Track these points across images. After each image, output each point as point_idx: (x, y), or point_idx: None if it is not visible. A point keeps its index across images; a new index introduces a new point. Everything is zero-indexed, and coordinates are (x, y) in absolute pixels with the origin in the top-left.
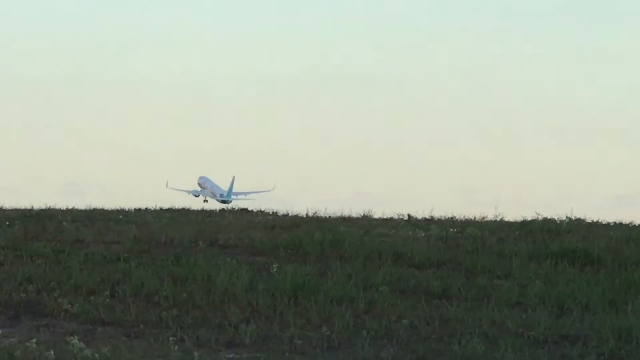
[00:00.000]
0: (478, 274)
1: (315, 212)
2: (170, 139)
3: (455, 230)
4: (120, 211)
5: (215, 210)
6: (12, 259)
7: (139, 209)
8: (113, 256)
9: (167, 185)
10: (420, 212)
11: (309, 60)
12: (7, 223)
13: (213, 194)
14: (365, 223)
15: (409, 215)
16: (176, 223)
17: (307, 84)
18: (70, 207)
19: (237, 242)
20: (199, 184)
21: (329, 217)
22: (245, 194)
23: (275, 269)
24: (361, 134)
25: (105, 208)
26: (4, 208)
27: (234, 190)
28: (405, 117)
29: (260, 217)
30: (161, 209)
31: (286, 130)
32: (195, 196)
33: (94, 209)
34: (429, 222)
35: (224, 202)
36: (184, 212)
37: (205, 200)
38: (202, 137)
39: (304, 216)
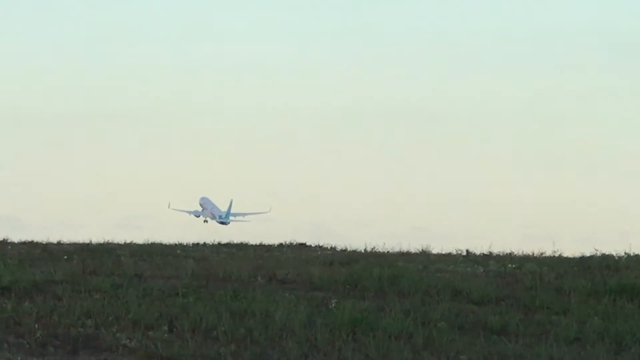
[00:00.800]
0: (536, 310)
1: (374, 247)
2: (234, 173)
3: (513, 266)
4: (179, 245)
5: (274, 245)
6: (70, 293)
7: (197, 244)
8: (171, 291)
9: (169, 206)
10: (479, 247)
11: (367, 93)
12: (66, 257)
13: (213, 214)
14: (424, 258)
15: (467, 250)
16: (234, 258)
17: (364, 117)
18: (128, 241)
19: (295, 277)
20: (200, 204)
21: (387, 252)
22: (242, 214)
23: (333, 305)
24: (420, 169)
25: (164, 242)
26: (62, 242)
27: (232, 211)
28: (463, 153)
29: (319, 252)
30: (219, 244)
31: (345, 164)
32: (196, 216)
33: (153, 243)
34: (488, 257)
35: (222, 223)
36: (242, 247)
37: (205, 221)
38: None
39: (362, 251)
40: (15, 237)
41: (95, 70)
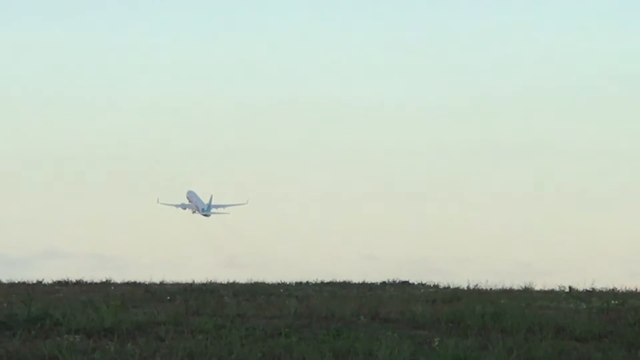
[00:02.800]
0: None
1: (476, 285)
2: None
3: (616, 302)
4: (282, 285)
5: (377, 283)
6: (173, 334)
7: (300, 283)
8: (274, 331)
9: (157, 201)
10: (582, 283)
11: (476, 131)
12: (169, 298)
13: (197, 207)
14: (527, 295)
15: (570, 287)
16: (337, 296)
17: (469, 155)
18: (231, 280)
19: (398, 315)
20: (187, 198)
21: (490, 289)
22: (223, 206)
23: (436, 343)
24: (524, 205)
25: (267, 282)
26: (165, 282)
27: (212, 204)
28: (567, 187)
29: (422, 290)
30: (322, 283)
31: (447, 201)
32: (183, 209)
33: (255, 283)
34: (590, 294)
35: (205, 215)
36: (345, 286)
37: (193, 212)
38: (371, 213)
39: (465, 289)
40: (118, 277)
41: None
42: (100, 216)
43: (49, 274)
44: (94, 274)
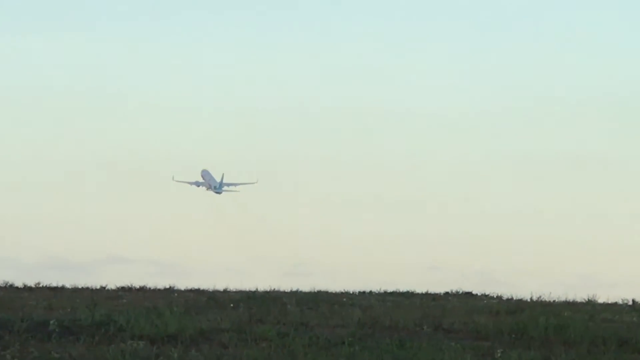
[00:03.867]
0: None
1: (540, 296)
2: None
3: None
4: (345, 294)
5: (440, 293)
6: (236, 341)
7: (363, 292)
8: (337, 340)
9: (173, 178)
10: None
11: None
12: (232, 305)
13: (209, 185)
14: (590, 308)
15: (633, 300)
16: (400, 306)
17: (533, 166)
18: (294, 289)
19: (461, 326)
20: (202, 176)
21: (553, 301)
22: (234, 184)
23: (499, 355)
24: (585, 216)
25: (330, 290)
26: (228, 290)
27: (224, 182)
28: (631, 199)
29: (485, 301)
30: (385, 292)
31: (510, 214)
32: (197, 186)
33: (319, 292)
34: None
35: (217, 192)
36: (408, 295)
37: (207, 189)
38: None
39: (528, 300)
40: (182, 284)
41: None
42: (164, 222)
43: (113, 279)
44: (158, 280)
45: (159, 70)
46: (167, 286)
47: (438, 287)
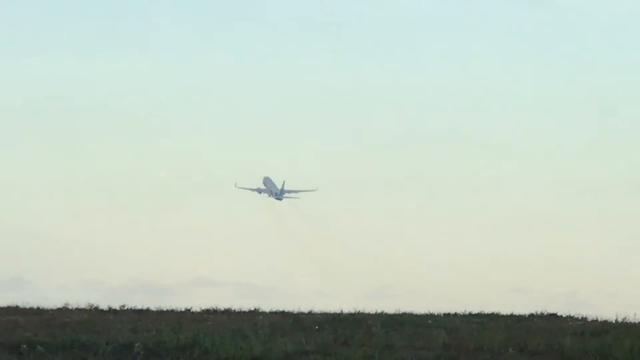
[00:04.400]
0: None
1: (625, 318)
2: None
3: None
4: (430, 315)
5: (525, 315)
6: None
7: (448, 314)
8: None
9: (235, 185)
10: None
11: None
12: (317, 327)
13: (271, 192)
14: None
15: None
16: (485, 328)
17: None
18: (379, 311)
19: (546, 348)
20: (264, 183)
21: (639, 323)
22: (295, 192)
23: None
24: None
25: (415, 312)
26: (313, 312)
27: (285, 189)
28: None
29: (570, 323)
30: (470, 314)
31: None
32: (259, 193)
33: (404, 313)
34: None
35: (278, 199)
36: (493, 317)
37: (268, 196)
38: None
39: (613, 322)
40: (267, 306)
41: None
42: (248, 245)
43: (198, 302)
44: (243, 303)
45: (222, 82)
46: (252, 308)
47: (523, 308)
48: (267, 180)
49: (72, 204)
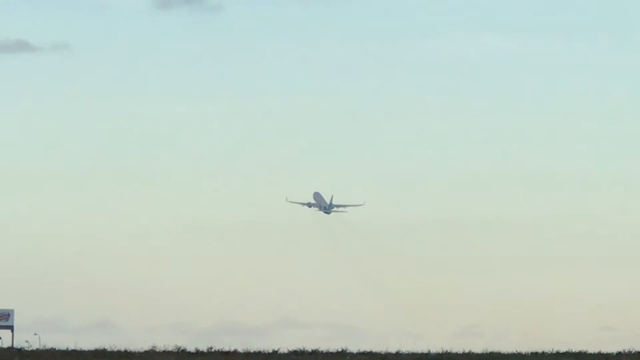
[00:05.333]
0: None
1: None
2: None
3: None
4: (517, 355)
5: (613, 353)
6: None
7: (536, 353)
8: None
9: (286, 199)
10: None
11: None
12: None
13: (320, 206)
14: None
15: None
16: None
17: None
18: (467, 350)
19: None
20: (314, 197)
21: None
22: (343, 206)
23: None
24: None
25: (502, 351)
26: (400, 352)
27: (333, 203)
28: None
29: None
30: (557, 352)
31: None
32: (309, 207)
33: (491, 353)
34: None
35: (326, 213)
36: (581, 356)
37: (318, 210)
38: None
39: None
40: (354, 347)
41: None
42: (335, 286)
43: (285, 343)
44: (330, 344)
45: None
46: (340, 349)
47: (611, 346)
48: (317, 195)
49: (158, 247)
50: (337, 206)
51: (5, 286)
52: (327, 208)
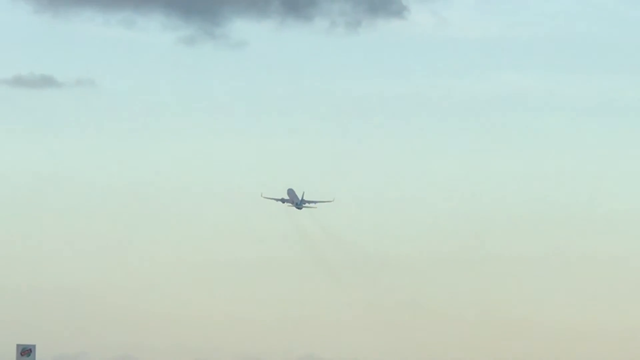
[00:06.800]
0: None
1: None
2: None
3: None
4: None
5: None
6: None
7: None
8: None
9: (261, 195)
10: None
11: None
12: None
13: (293, 201)
14: None
15: None
16: None
17: None
18: None
19: None
20: (288, 193)
21: None
22: (314, 202)
23: None
24: None
25: None
26: None
27: (305, 199)
28: None
29: None
30: None
31: None
32: (282, 202)
33: None
34: None
35: (298, 208)
36: None
37: (289, 206)
38: None
39: None
40: None
41: None
42: (359, 322)
43: None
44: None
45: None
46: None
47: None
48: (290, 191)
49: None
50: (308, 202)
51: (27, 321)
52: (300, 203)
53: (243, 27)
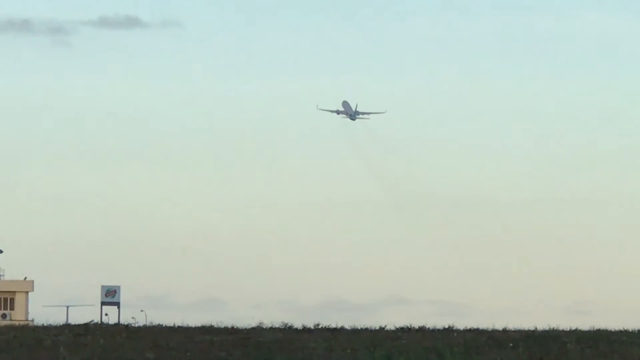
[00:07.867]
0: None
1: None
2: None
3: None
4: (624, 332)
5: None
6: None
7: None
8: None
9: (317, 107)
10: None
11: None
12: (511, 345)
13: (347, 113)
14: None
15: None
16: None
17: None
18: (574, 327)
19: None
20: (342, 105)
21: None
22: (367, 113)
23: None
24: None
25: (609, 329)
26: (507, 329)
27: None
28: None
29: None
30: None
31: None
32: (338, 114)
33: (598, 330)
34: None
35: (352, 119)
36: None
37: (344, 117)
38: None
39: None
40: (461, 324)
41: None
42: (443, 263)
43: (392, 320)
44: (437, 321)
45: None
46: (447, 326)
47: None
48: (344, 104)
49: (263, 226)
50: (362, 113)
51: (111, 263)
52: (354, 115)
53: None
